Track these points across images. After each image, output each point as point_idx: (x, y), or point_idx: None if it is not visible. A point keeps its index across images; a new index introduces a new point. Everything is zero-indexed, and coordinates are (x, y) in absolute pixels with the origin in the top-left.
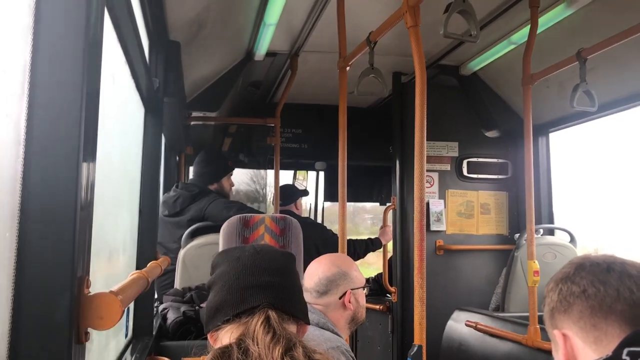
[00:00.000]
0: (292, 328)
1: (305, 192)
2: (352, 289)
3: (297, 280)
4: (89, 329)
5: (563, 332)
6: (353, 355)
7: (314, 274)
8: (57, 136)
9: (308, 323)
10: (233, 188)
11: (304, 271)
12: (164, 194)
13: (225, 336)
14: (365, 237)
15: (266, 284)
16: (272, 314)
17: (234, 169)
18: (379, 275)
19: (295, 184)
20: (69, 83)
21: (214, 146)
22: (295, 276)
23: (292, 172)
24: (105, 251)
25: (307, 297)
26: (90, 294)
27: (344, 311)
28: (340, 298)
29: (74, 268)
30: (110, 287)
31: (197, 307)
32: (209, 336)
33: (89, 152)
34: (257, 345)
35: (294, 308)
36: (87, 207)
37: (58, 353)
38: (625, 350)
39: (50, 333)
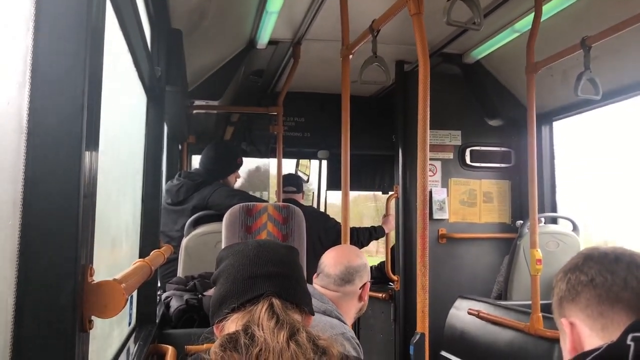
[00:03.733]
0: (297, 317)
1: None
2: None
3: (300, 272)
4: (93, 317)
5: (570, 321)
6: (358, 342)
7: (340, 261)
8: (59, 124)
9: (312, 313)
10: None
11: (307, 259)
12: (166, 182)
13: (231, 326)
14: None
15: (269, 274)
16: (276, 302)
17: (241, 165)
18: (382, 264)
19: (298, 174)
20: (71, 71)
21: (224, 141)
22: (299, 268)
23: (294, 160)
24: (108, 240)
25: (327, 282)
26: (94, 282)
27: (357, 302)
28: (360, 289)
29: (78, 256)
30: (113, 276)
31: (200, 296)
32: (214, 328)
33: (92, 140)
34: (263, 330)
35: (297, 297)
36: (90, 196)
37: (62, 341)
38: (630, 336)
39: (54, 321)
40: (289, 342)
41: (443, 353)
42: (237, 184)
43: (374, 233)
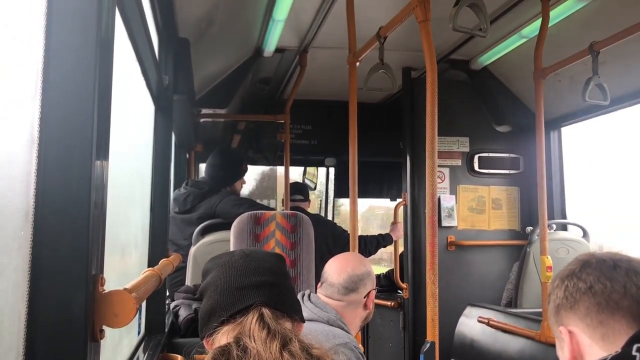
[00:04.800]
0: (287, 325)
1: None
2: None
3: (288, 280)
4: (104, 327)
5: (569, 329)
6: (362, 352)
7: (343, 270)
8: (70, 135)
9: (303, 321)
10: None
11: (315, 266)
12: (174, 191)
13: (222, 339)
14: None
15: (257, 284)
16: (266, 311)
17: (247, 171)
18: (390, 272)
19: (305, 181)
20: (81, 82)
21: (228, 148)
22: (287, 276)
23: (301, 168)
24: (118, 249)
25: (331, 292)
26: (105, 291)
27: (362, 310)
28: (364, 297)
29: (89, 266)
30: (123, 285)
31: None
32: (204, 342)
33: (102, 150)
34: (255, 341)
35: (287, 305)
36: (101, 206)
37: (74, 351)
38: (635, 347)
39: (66, 331)
40: (282, 352)
41: None
42: (245, 191)
43: (382, 241)
